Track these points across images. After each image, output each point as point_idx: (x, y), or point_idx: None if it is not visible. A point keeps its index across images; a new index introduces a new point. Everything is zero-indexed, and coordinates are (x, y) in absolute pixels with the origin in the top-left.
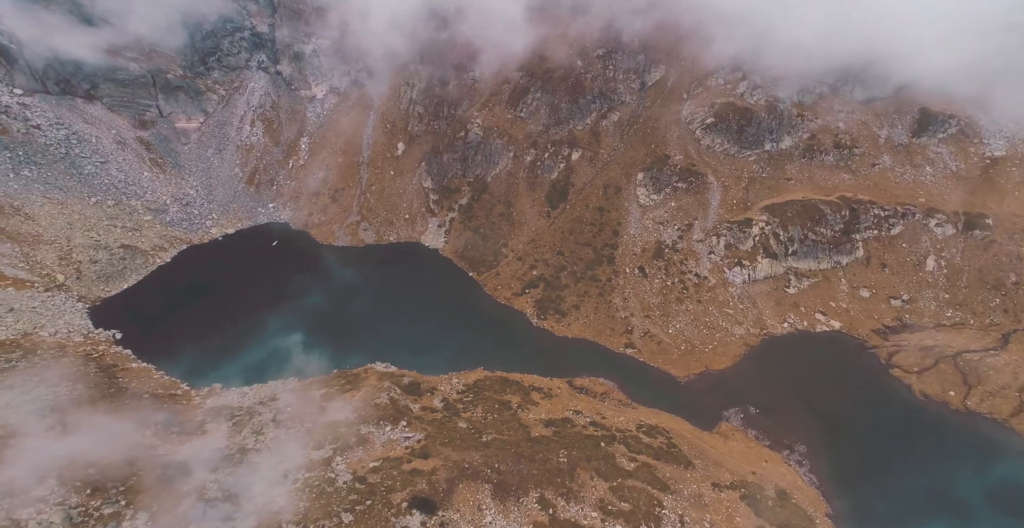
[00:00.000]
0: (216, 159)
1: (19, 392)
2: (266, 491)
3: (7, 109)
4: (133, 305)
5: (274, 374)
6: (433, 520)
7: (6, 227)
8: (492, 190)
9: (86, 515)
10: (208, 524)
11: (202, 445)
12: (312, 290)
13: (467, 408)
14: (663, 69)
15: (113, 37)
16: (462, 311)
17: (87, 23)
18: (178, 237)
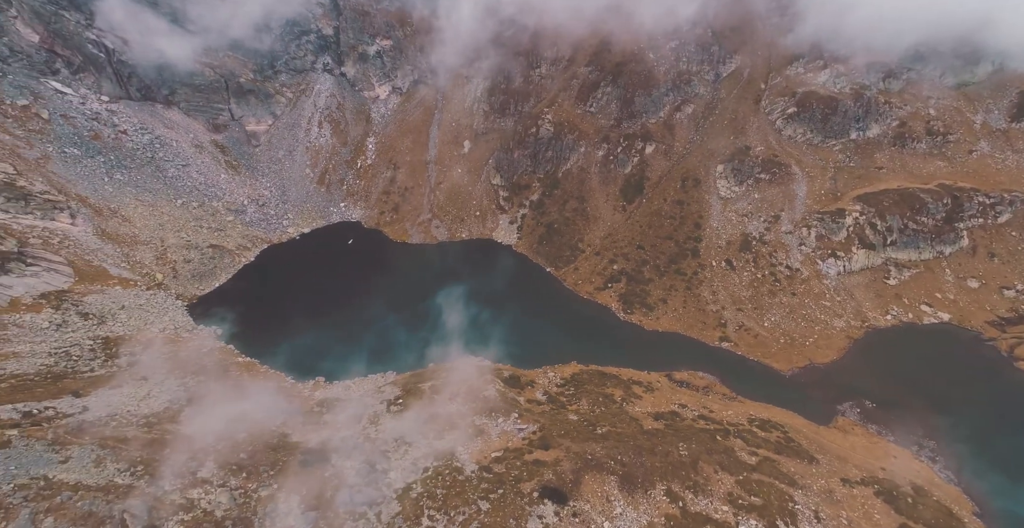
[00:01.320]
0: (287, 160)
1: (153, 384)
2: (401, 478)
3: (97, 115)
4: (227, 303)
5: (369, 368)
6: (565, 510)
7: (106, 229)
8: (563, 186)
9: (246, 496)
10: (356, 508)
11: (328, 434)
12: (393, 286)
13: (572, 401)
14: (738, 59)
15: (202, 42)
16: (545, 306)
17: (181, 27)
18: (259, 237)
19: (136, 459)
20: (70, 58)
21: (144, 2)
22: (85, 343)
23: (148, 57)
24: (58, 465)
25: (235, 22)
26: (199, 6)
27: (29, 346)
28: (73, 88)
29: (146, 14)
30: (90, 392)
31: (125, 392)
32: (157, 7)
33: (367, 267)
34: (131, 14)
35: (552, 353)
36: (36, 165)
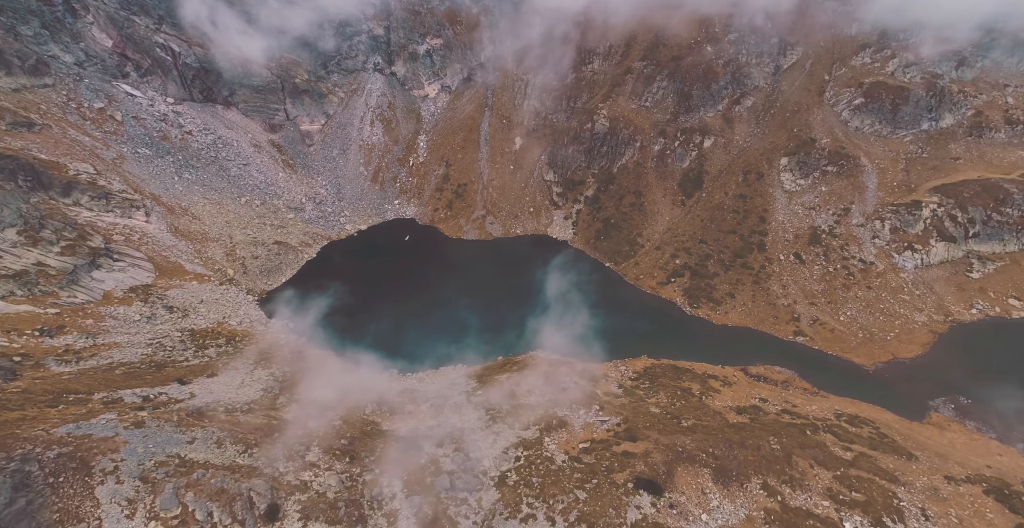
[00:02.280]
0: (341, 159)
1: (243, 373)
2: (495, 466)
3: (165, 117)
4: (294, 298)
5: (438, 362)
6: (661, 501)
7: (178, 226)
8: (619, 181)
9: (352, 480)
10: (457, 494)
11: (415, 423)
12: (454, 282)
13: (649, 394)
14: (799, 51)
15: (269, 42)
16: (607, 300)
17: (253, 27)
18: (319, 233)
19: (251, 442)
20: (139, 62)
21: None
22: (174, 334)
23: (228, 54)
24: (186, 445)
25: (294, 23)
26: (265, 7)
27: (126, 337)
28: (142, 91)
29: (225, 12)
30: (192, 380)
31: (221, 380)
32: (233, 6)
33: (426, 263)
34: (212, 10)
35: (619, 347)
36: (113, 165)
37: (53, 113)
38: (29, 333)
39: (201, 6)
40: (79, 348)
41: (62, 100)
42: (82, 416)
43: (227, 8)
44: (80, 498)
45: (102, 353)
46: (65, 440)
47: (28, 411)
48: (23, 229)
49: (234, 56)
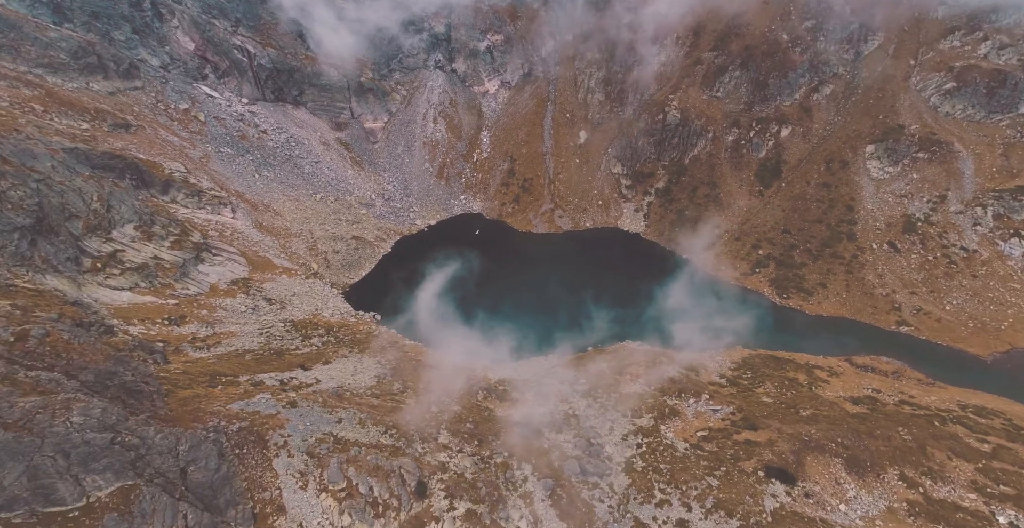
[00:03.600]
0: (406, 156)
1: (353, 361)
2: (618, 453)
3: (242, 117)
4: (376, 290)
5: (527, 352)
6: (796, 490)
7: (262, 222)
8: (691, 172)
9: (483, 462)
10: (588, 479)
11: (527, 410)
12: (529, 274)
13: (754, 384)
14: (881, 36)
15: (355, 39)
16: (690, 291)
17: (342, 23)
18: (391, 228)
19: (388, 423)
20: (217, 63)
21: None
22: (278, 325)
23: (323, 49)
24: (335, 424)
25: (375, 20)
26: (349, 5)
27: (238, 326)
28: (219, 92)
29: (321, 6)
30: (312, 367)
31: (336, 368)
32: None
33: (499, 256)
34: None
35: (710, 338)
36: (200, 164)
37: (145, 114)
38: (160, 322)
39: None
40: (204, 336)
41: (151, 102)
42: (241, 395)
43: (324, 4)
44: (261, 469)
45: (224, 341)
46: (241, 415)
47: (196, 390)
48: (139, 225)
49: (326, 52)
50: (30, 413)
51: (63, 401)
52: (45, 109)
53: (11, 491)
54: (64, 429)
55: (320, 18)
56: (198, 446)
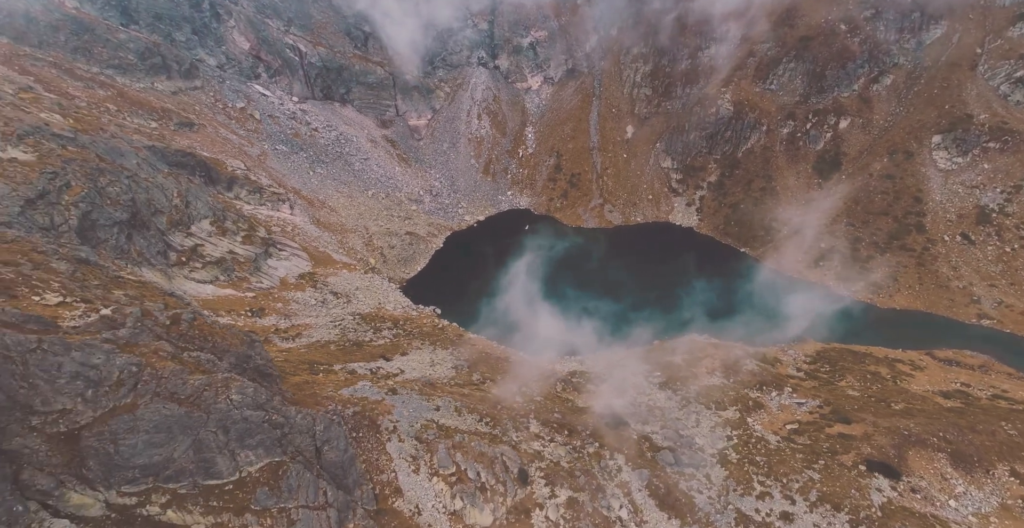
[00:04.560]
0: (451, 152)
1: (427, 352)
2: (709, 444)
3: (294, 115)
4: (433, 284)
5: (592, 345)
6: (901, 485)
7: (319, 218)
8: (745, 165)
9: (576, 451)
10: (683, 469)
11: (606, 402)
12: (583, 268)
13: (835, 377)
14: (944, 25)
15: (412, 35)
16: (751, 285)
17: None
18: (442, 224)
19: (482, 411)
20: (270, 63)
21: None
22: (347, 318)
23: (389, 41)
24: (434, 411)
25: (439, 16)
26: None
27: (312, 319)
28: (271, 91)
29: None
30: (392, 357)
31: (414, 359)
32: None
33: (551, 251)
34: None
35: (778, 331)
36: (258, 161)
37: (205, 113)
38: (243, 314)
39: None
40: (284, 328)
41: (210, 101)
42: (344, 383)
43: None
44: (376, 452)
45: (304, 333)
46: (352, 400)
47: (303, 376)
48: (214, 220)
49: (390, 47)
50: (199, 390)
51: (223, 380)
52: (118, 109)
53: (179, 463)
54: (226, 406)
55: (386, 10)
56: (330, 427)
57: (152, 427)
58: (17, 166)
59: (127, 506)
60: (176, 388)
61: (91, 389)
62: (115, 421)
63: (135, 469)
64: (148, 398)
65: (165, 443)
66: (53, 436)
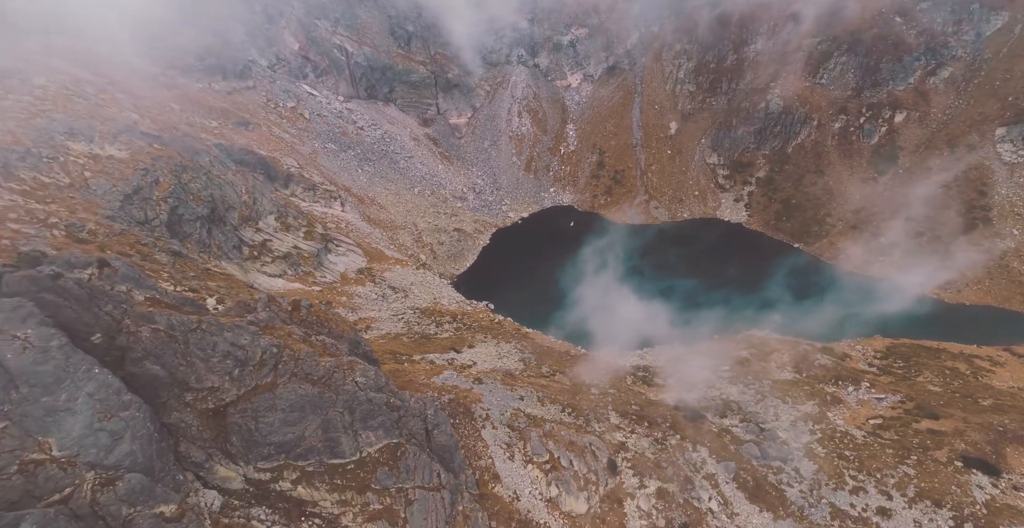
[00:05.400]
0: (493, 150)
1: (492, 345)
2: (793, 438)
3: (341, 114)
4: (482, 280)
5: (648, 340)
6: (1002, 482)
7: (369, 215)
8: (795, 160)
9: (659, 443)
10: (770, 463)
11: (677, 395)
12: (633, 264)
13: (911, 373)
14: (1005, 15)
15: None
16: (809, 281)
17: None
18: (487, 221)
19: (563, 402)
20: (318, 62)
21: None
22: (407, 311)
23: (361, 63)
24: (519, 401)
25: (499, 11)
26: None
27: (375, 312)
28: (318, 90)
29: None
30: (462, 349)
31: (481, 351)
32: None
33: (597, 247)
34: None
35: (841, 326)
36: (310, 159)
37: (258, 113)
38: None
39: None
40: (353, 321)
41: (262, 101)
42: (430, 371)
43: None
44: (473, 439)
45: (372, 326)
46: (445, 388)
47: (391, 365)
48: (278, 216)
49: (453, 43)
50: (329, 372)
51: (348, 363)
52: (182, 109)
53: (309, 441)
54: (352, 388)
55: (451, 5)
56: (438, 412)
57: (288, 406)
58: (114, 163)
59: (262, 481)
60: (310, 369)
61: (238, 368)
62: (257, 399)
63: (270, 446)
64: (286, 378)
65: (298, 421)
66: (203, 412)
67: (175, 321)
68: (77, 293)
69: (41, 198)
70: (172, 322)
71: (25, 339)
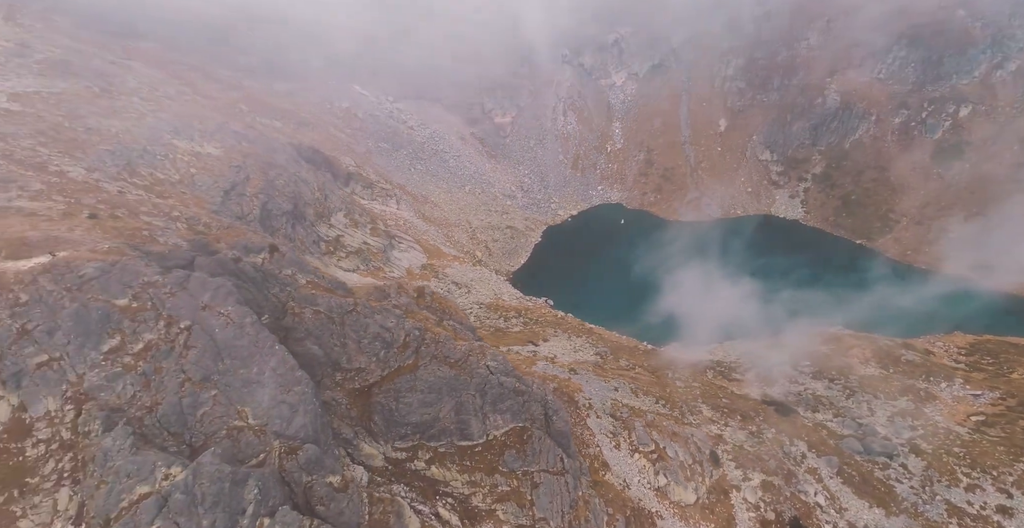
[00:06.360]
0: (539, 149)
1: (564, 340)
2: (892, 433)
3: (391, 113)
4: (538, 277)
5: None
6: None
7: (424, 212)
8: (853, 156)
9: (754, 436)
10: (874, 458)
11: (759, 389)
12: (687, 261)
13: (1003, 369)
14: None
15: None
16: (873, 277)
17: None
18: (537, 219)
19: (656, 394)
20: (369, 62)
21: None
22: (474, 307)
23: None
24: (614, 391)
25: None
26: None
27: None
28: (368, 90)
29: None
30: (539, 343)
31: (556, 345)
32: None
33: (650, 244)
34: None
35: (916, 323)
36: (365, 158)
37: (315, 113)
38: None
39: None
40: None
41: (318, 100)
42: (524, 362)
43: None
44: (580, 427)
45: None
46: (547, 377)
47: None
48: (346, 213)
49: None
50: (465, 355)
51: (479, 347)
52: (250, 109)
53: (443, 423)
54: (484, 372)
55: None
56: (555, 398)
57: (427, 387)
58: (212, 160)
59: (399, 460)
60: (448, 352)
61: (384, 350)
62: (399, 380)
63: (408, 426)
64: (427, 360)
65: (434, 403)
66: (350, 392)
67: (334, 303)
68: (253, 275)
69: (160, 193)
70: (332, 304)
71: (227, 315)
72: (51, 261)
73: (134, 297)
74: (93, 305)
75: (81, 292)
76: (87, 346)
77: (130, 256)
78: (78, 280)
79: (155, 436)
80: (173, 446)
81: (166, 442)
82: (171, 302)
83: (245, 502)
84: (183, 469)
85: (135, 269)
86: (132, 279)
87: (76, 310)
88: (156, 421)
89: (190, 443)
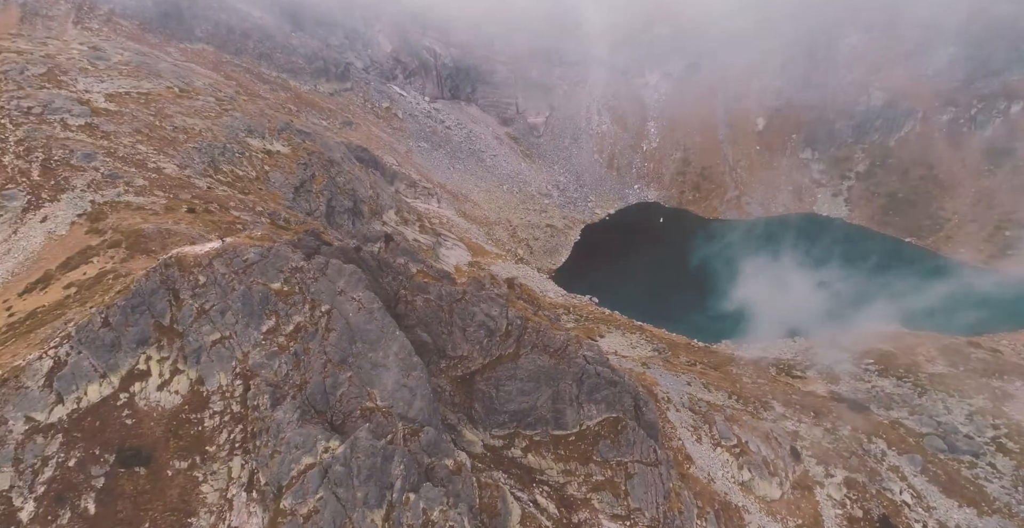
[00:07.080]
0: (573, 148)
1: (619, 336)
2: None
3: (429, 114)
4: (579, 275)
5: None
6: None
7: (464, 211)
8: (898, 154)
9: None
10: (960, 457)
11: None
12: (732, 258)
13: None
14: None
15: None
16: (926, 274)
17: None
18: (575, 217)
19: (728, 389)
20: (408, 64)
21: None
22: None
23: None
24: (687, 385)
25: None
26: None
27: None
28: (407, 91)
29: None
30: (597, 339)
31: (613, 341)
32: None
33: (692, 243)
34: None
35: (975, 321)
36: (406, 157)
37: (357, 113)
38: None
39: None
40: None
41: (360, 101)
42: None
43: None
44: (661, 420)
45: None
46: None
47: None
48: (396, 210)
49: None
50: (564, 344)
51: (575, 337)
52: (297, 109)
53: (539, 412)
54: (581, 361)
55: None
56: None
57: (527, 375)
58: (281, 158)
59: (496, 447)
60: (548, 341)
61: (487, 338)
62: (501, 368)
63: (506, 414)
64: (528, 349)
65: (532, 391)
66: (454, 379)
67: (444, 292)
68: (370, 264)
69: (241, 189)
70: (442, 293)
71: (359, 301)
72: (222, 246)
73: (285, 281)
74: (255, 288)
75: (246, 274)
76: (251, 326)
77: (280, 242)
78: (243, 264)
79: (305, 413)
80: (318, 423)
81: (314, 419)
82: (314, 286)
83: (392, 477)
84: (340, 443)
85: (286, 254)
86: (283, 264)
87: (243, 292)
88: (305, 399)
89: (331, 421)
